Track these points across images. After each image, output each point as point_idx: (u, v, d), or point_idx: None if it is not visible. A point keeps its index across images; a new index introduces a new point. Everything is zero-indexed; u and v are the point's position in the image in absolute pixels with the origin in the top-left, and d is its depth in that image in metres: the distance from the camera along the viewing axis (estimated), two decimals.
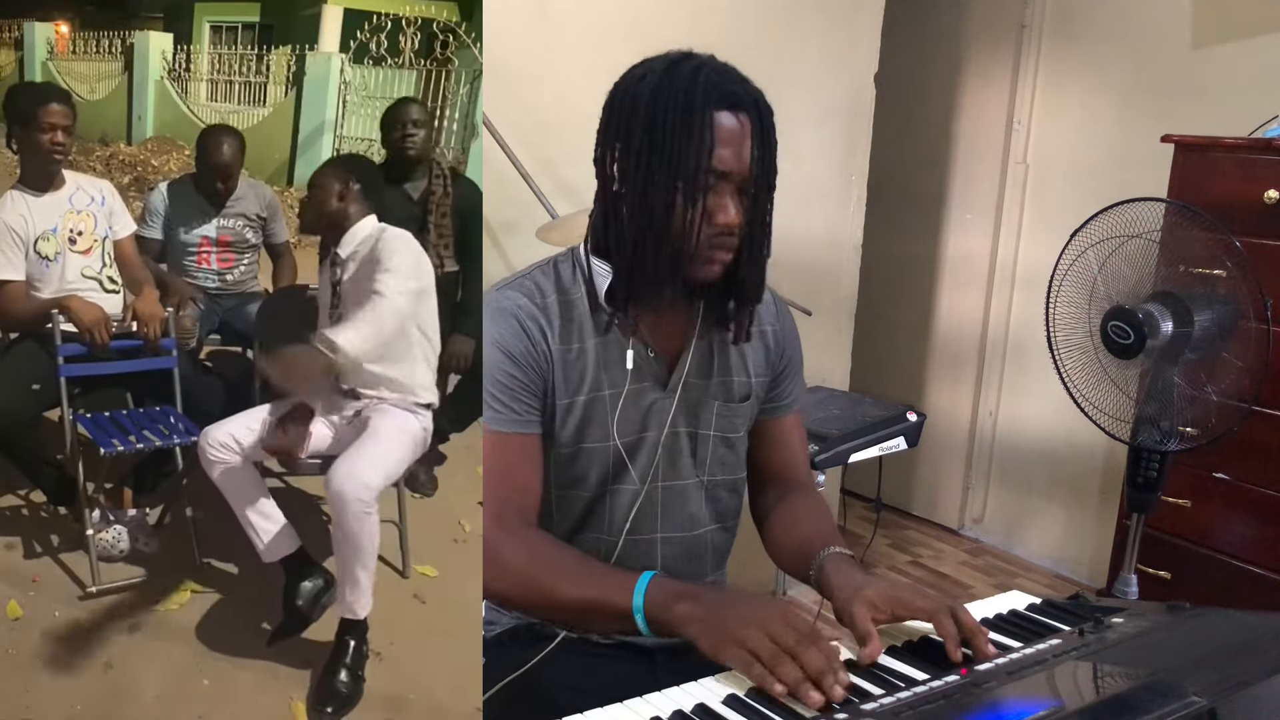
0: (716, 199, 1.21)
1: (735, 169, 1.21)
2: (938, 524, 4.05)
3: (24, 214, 2.28)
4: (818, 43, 3.01)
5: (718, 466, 1.41)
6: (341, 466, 1.90)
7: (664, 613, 1.12)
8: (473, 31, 5.56)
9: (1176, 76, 3.12)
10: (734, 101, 1.20)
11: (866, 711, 0.95)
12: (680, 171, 1.19)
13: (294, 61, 6.83)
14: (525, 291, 1.32)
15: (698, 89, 1.18)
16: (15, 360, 2.29)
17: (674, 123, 1.18)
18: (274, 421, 2.05)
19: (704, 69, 1.20)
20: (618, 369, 1.32)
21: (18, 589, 2.15)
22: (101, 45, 8.34)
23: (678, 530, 1.39)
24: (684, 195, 1.19)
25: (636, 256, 1.24)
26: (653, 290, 1.26)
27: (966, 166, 3.82)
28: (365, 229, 2.21)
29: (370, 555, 1.92)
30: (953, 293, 3.93)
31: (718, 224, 1.22)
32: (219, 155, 2.71)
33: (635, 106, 1.21)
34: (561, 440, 1.32)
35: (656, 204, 1.20)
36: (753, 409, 1.44)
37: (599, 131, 1.27)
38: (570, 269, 1.35)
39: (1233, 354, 2.22)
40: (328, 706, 1.89)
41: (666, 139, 1.18)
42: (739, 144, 1.20)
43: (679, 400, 1.35)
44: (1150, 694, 0.91)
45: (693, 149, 1.18)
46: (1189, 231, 2.24)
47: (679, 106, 1.18)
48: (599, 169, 1.28)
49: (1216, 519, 2.73)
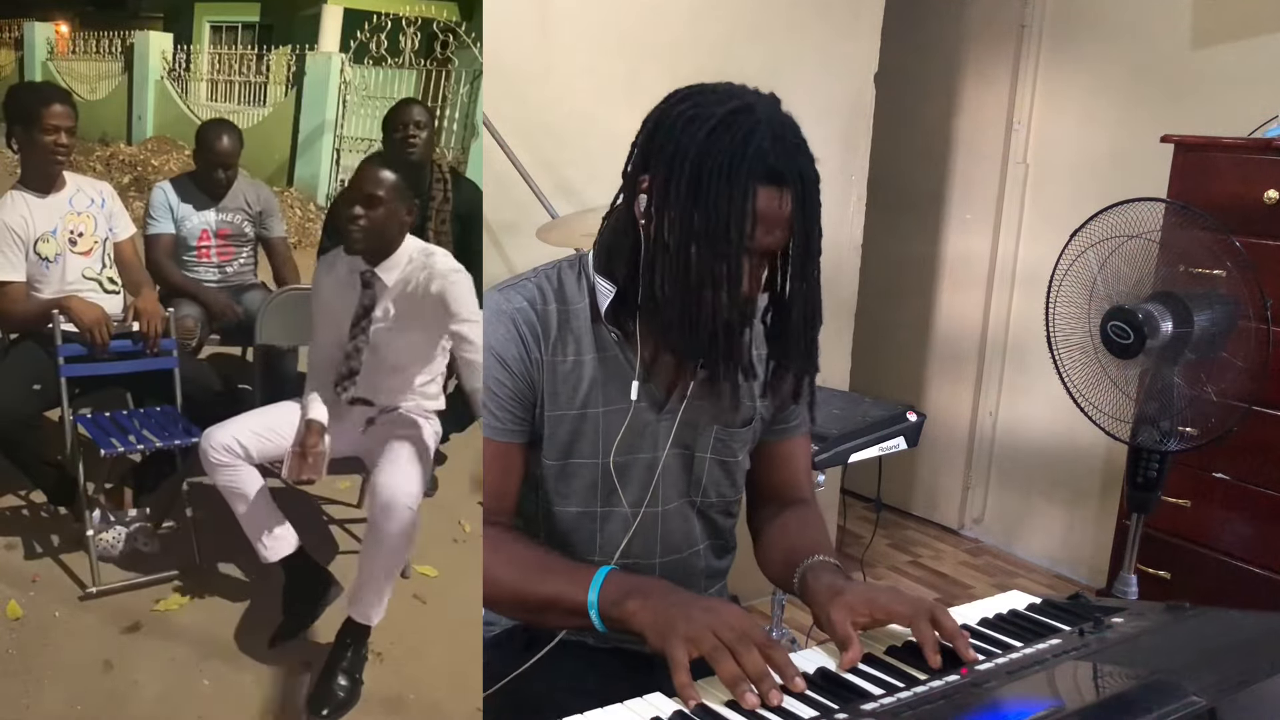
0: (741, 269, 1.16)
1: (768, 246, 1.17)
2: (938, 524, 4.05)
3: (25, 215, 2.28)
4: (818, 43, 3.01)
5: (712, 489, 1.39)
6: (393, 480, 1.89)
7: (616, 608, 1.13)
8: (473, 31, 5.57)
9: (1176, 76, 3.12)
10: (777, 177, 1.14)
11: (866, 711, 0.95)
12: (717, 245, 1.14)
13: (294, 61, 6.83)
14: (526, 295, 1.30)
15: (745, 161, 1.12)
16: (16, 360, 2.29)
17: (715, 194, 1.12)
18: (293, 454, 1.99)
19: (755, 135, 1.12)
20: (613, 386, 1.30)
21: (18, 589, 2.15)
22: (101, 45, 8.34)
23: (671, 553, 1.38)
24: (715, 269, 1.15)
25: (663, 311, 1.20)
26: (670, 343, 1.24)
27: (966, 166, 3.83)
28: (409, 250, 2.03)
29: (401, 566, 1.95)
30: (953, 293, 3.93)
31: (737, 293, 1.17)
32: (218, 144, 2.73)
33: (677, 157, 1.14)
34: (549, 453, 1.31)
35: (691, 269, 1.16)
36: (754, 433, 1.42)
37: (635, 154, 1.22)
38: (576, 279, 1.32)
39: (1233, 354, 2.21)
40: (324, 709, 1.88)
41: (706, 207, 1.13)
42: (776, 222, 1.16)
43: (678, 423, 1.33)
44: (1150, 694, 0.91)
45: (733, 225, 1.13)
46: (1189, 231, 2.24)
47: (723, 178, 1.12)
48: (626, 194, 1.23)
49: (1216, 519, 2.73)
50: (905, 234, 3.92)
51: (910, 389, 3.99)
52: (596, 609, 1.14)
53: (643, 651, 1.38)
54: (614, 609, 1.13)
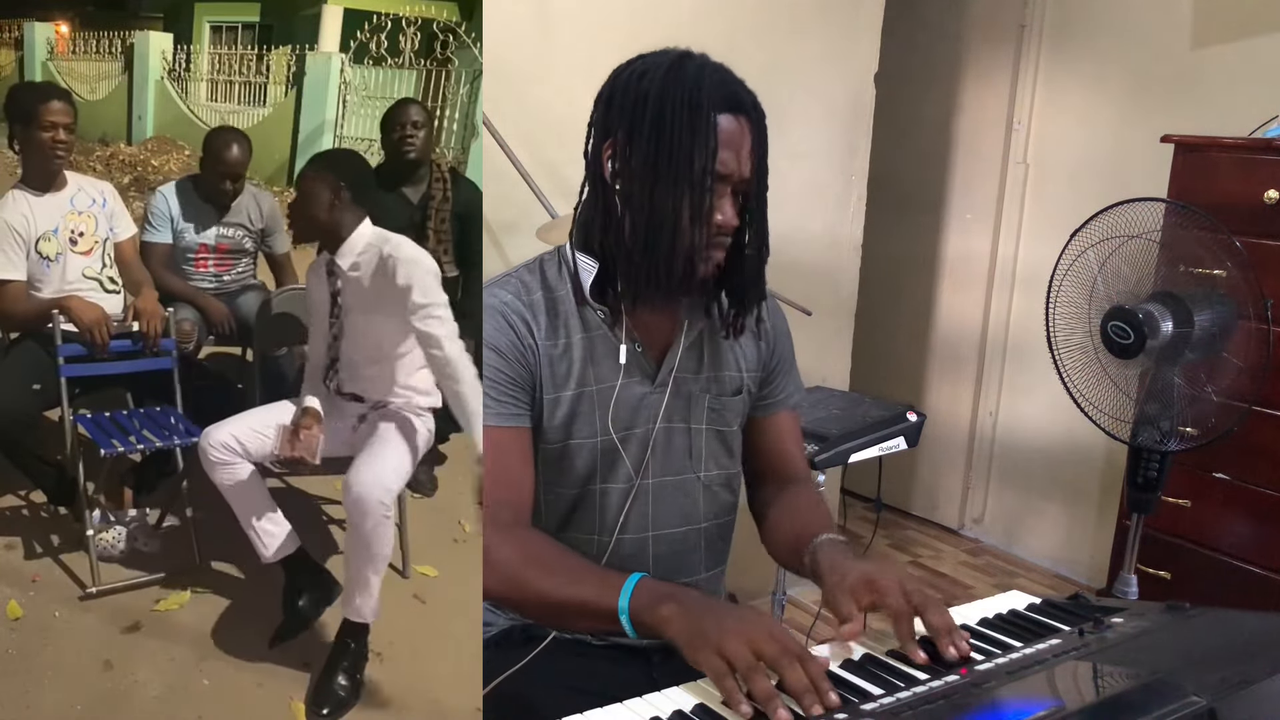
0: (715, 201, 1.22)
1: (735, 171, 1.23)
2: (938, 524, 4.05)
3: (26, 214, 2.28)
4: (818, 43, 3.01)
5: (712, 461, 1.41)
6: (362, 473, 1.90)
7: (648, 614, 1.12)
8: (473, 31, 5.57)
9: (1176, 76, 3.12)
10: (736, 104, 1.21)
11: (866, 711, 0.95)
12: (684, 174, 1.19)
13: (294, 61, 6.83)
14: (511, 289, 1.33)
15: (702, 91, 1.18)
16: (15, 360, 2.29)
17: (679, 125, 1.18)
18: (286, 430, 2.04)
19: (706, 70, 1.21)
20: (605, 364, 1.33)
21: (18, 589, 2.15)
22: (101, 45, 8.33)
23: (670, 527, 1.39)
24: (686, 197, 1.20)
25: (635, 254, 1.24)
26: (649, 287, 1.26)
27: (966, 166, 3.83)
28: (364, 237, 2.11)
29: (384, 560, 1.92)
30: (953, 293, 3.93)
31: (715, 225, 1.23)
32: (227, 153, 2.66)
33: (638, 105, 1.21)
34: (548, 436, 1.33)
35: (659, 204, 1.21)
36: (745, 403, 1.45)
37: (593, 126, 1.28)
38: (556, 266, 1.36)
39: (1233, 354, 2.21)
40: (324, 708, 1.89)
41: (671, 141, 1.19)
42: (740, 147, 1.22)
43: (669, 395, 1.36)
44: (1150, 694, 0.91)
45: (698, 152, 1.18)
46: (1189, 231, 2.24)
47: (684, 108, 1.18)
48: (590, 164, 1.29)
49: (1216, 519, 2.73)
50: (905, 234, 3.92)
51: (910, 389, 3.99)
52: (628, 614, 1.13)
53: (641, 649, 1.39)
54: (647, 614, 1.12)
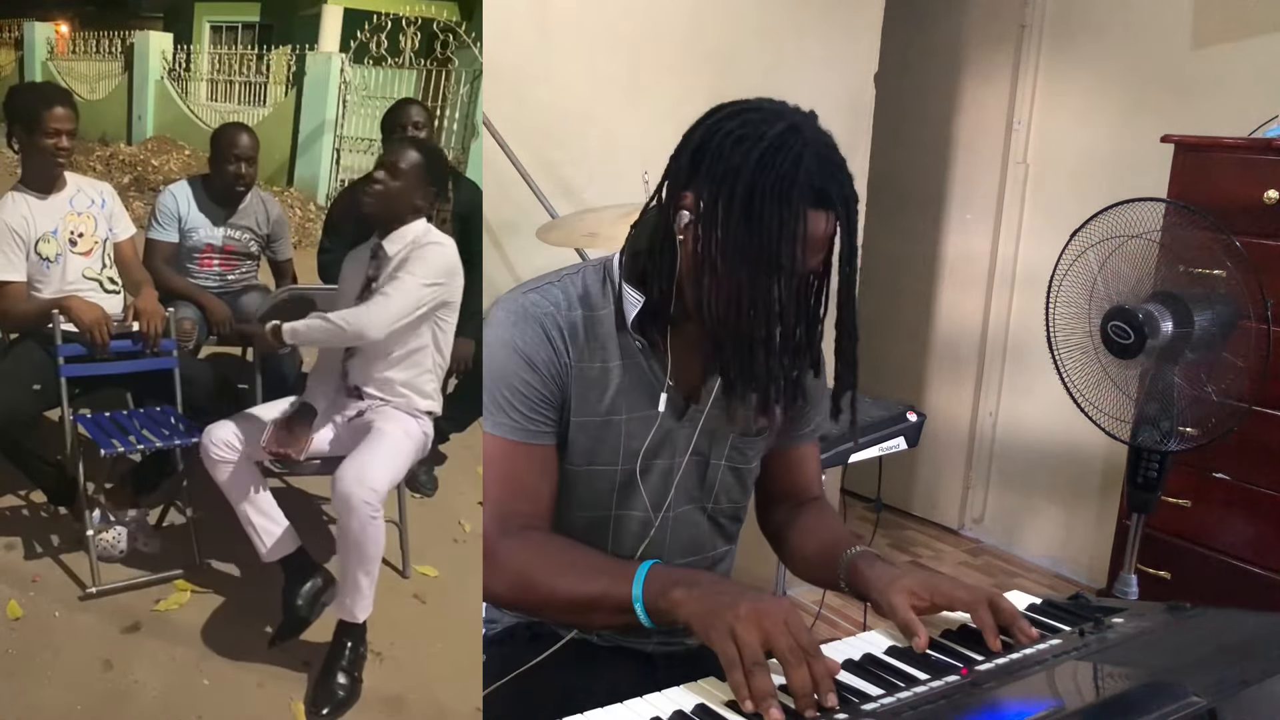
0: (790, 291, 1.18)
1: (813, 268, 1.19)
2: (938, 524, 4.05)
3: (25, 215, 2.28)
4: (818, 43, 3.01)
5: (724, 495, 1.40)
6: (349, 470, 1.89)
7: (661, 599, 1.11)
8: (473, 31, 5.56)
9: (1176, 76, 3.12)
10: (826, 200, 1.15)
11: (866, 712, 0.95)
12: (762, 262, 1.14)
13: (294, 61, 6.83)
14: (552, 300, 1.28)
15: (796, 185, 1.12)
16: (15, 360, 2.29)
17: (769, 214, 1.13)
18: (278, 423, 2.05)
19: (805, 158, 1.13)
20: (636, 393, 1.30)
21: (18, 589, 2.15)
22: (101, 45, 8.33)
23: (683, 555, 1.39)
24: (761, 284, 1.16)
25: (690, 313, 1.22)
26: (712, 354, 1.23)
27: (966, 166, 3.83)
28: (418, 229, 2.13)
29: (374, 559, 1.92)
30: (953, 293, 3.93)
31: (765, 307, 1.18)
32: (239, 140, 2.68)
33: (729, 175, 1.14)
34: (571, 459, 1.30)
35: (731, 282, 1.16)
36: (767, 442, 1.43)
37: (677, 167, 1.20)
38: (600, 286, 1.31)
39: (1233, 354, 2.21)
40: (324, 708, 1.89)
41: (758, 227, 1.13)
42: (821, 245, 1.18)
43: (698, 432, 1.33)
44: (1150, 694, 0.91)
45: (784, 246, 1.13)
46: (1189, 231, 2.24)
47: (776, 198, 1.12)
48: (666, 207, 1.22)
49: (1216, 519, 2.73)
50: (905, 234, 3.92)
51: (910, 389, 3.98)
52: (641, 602, 1.12)
53: (645, 650, 1.39)
54: (660, 599, 1.11)
